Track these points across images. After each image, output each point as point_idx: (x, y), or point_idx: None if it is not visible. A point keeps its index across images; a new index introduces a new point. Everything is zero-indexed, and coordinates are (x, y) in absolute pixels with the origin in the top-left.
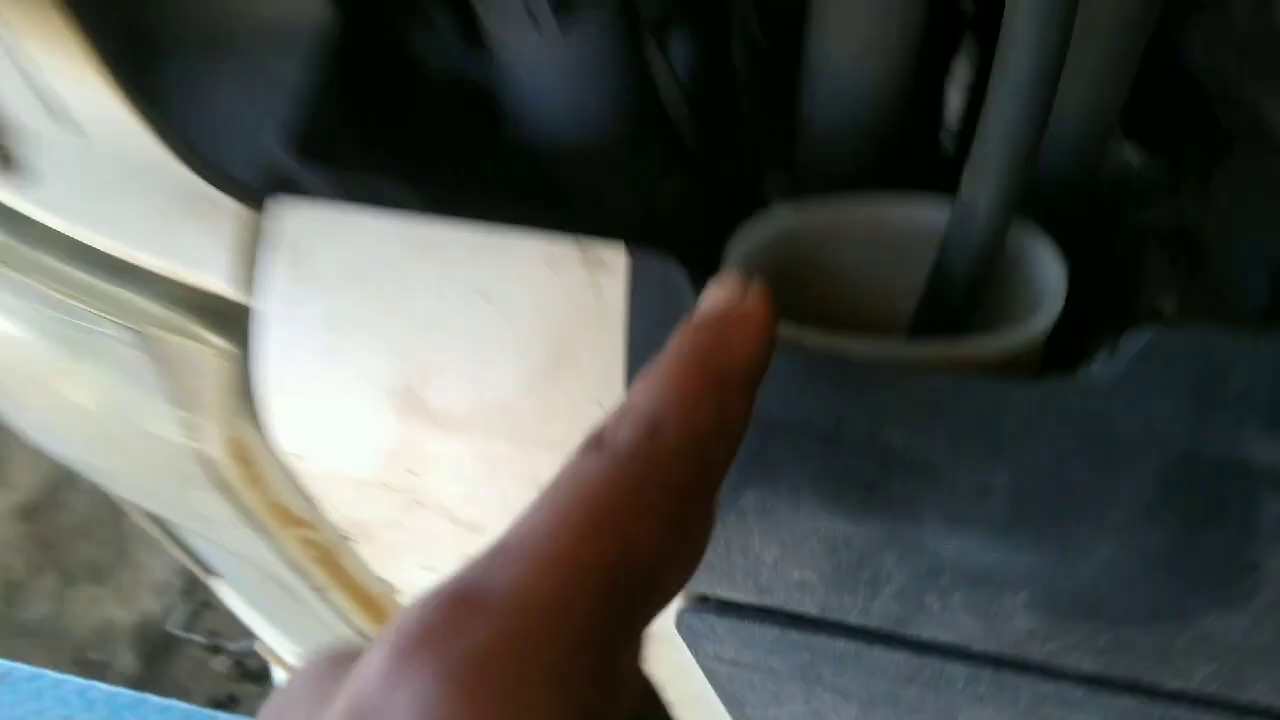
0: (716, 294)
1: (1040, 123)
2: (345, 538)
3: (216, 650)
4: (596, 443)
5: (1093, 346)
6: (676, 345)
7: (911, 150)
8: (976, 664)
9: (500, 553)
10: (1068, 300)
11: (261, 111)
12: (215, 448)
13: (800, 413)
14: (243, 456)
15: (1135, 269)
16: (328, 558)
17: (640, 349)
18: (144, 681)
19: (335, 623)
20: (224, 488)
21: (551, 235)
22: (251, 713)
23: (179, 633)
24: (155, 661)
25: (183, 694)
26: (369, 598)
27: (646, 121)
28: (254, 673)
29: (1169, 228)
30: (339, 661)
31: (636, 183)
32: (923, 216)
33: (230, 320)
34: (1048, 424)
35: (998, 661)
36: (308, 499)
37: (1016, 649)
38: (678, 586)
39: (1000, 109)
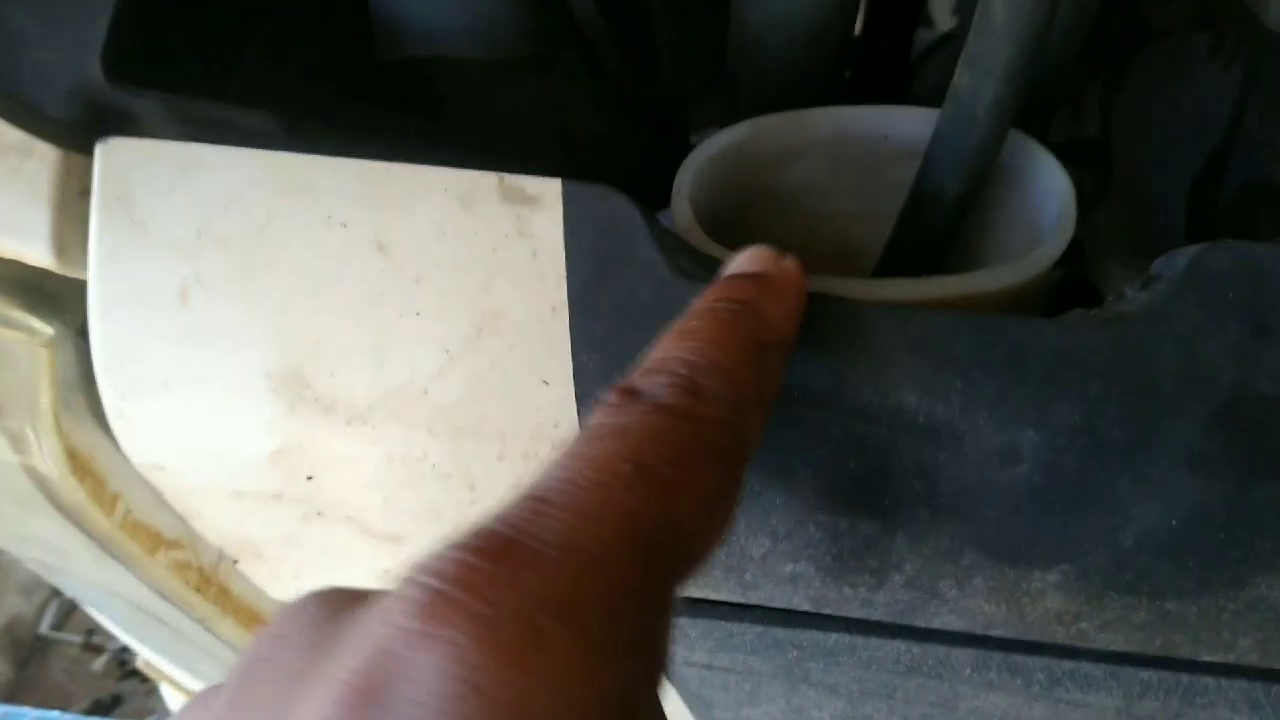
0: (750, 258)
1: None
2: (230, 559)
3: (95, 650)
4: (628, 394)
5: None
6: (709, 305)
7: (874, 53)
8: (988, 648)
9: (538, 501)
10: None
11: (77, 31)
12: (49, 462)
13: (790, 373)
14: (87, 471)
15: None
16: (210, 583)
17: (586, 304)
18: (17, 689)
19: (227, 654)
20: (67, 510)
21: (460, 167)
22: (140, 713)
23: (51, 634)
24: (28, 666)
25: (63, 699)
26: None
27: (552, 31)
28: (138, 670)
29: (1072, 137)
30: (340, 601)
31: (546, 104)
32: (900, 127)
33: (56, 300)
34: (1079, 368)
35: (1012, 644)
36: (178, 516)
37: (1040, 632)
38: (704, 560)
39: None
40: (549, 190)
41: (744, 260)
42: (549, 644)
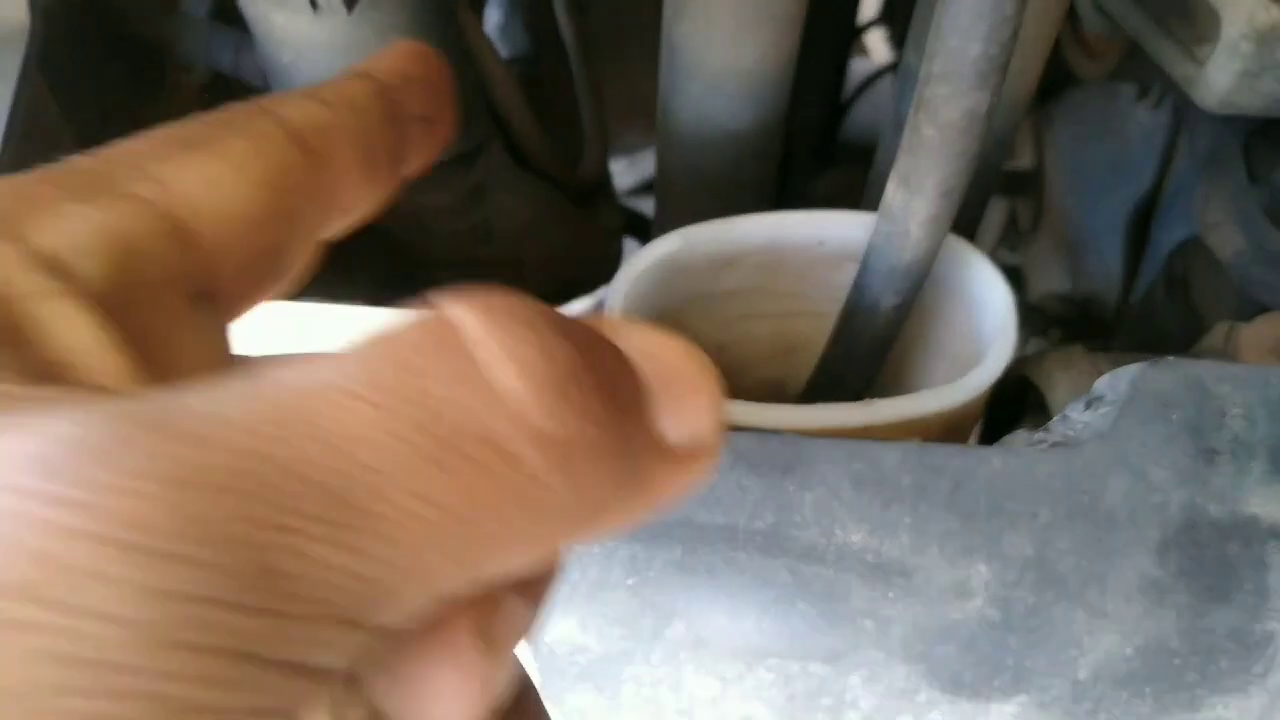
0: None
1: (991, 110)
2: None
3: None
4: None
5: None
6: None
7: (800, 139)
8: None
9: None
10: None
11: None
12: None
13: (731, 513)
14: None
15: (972, 223)
16: None
17: None
18: None
19: None
20: None
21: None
22: None
23: None
24: None
25: None
26: None
27: (475, 128)
28: None
29: (1007, 170)
30: None
31: (468, 200)
32: (834, 232)
33: None
34: (1028, 496)
35: None
36: None
37: None
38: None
39: (938, 96)
40: None
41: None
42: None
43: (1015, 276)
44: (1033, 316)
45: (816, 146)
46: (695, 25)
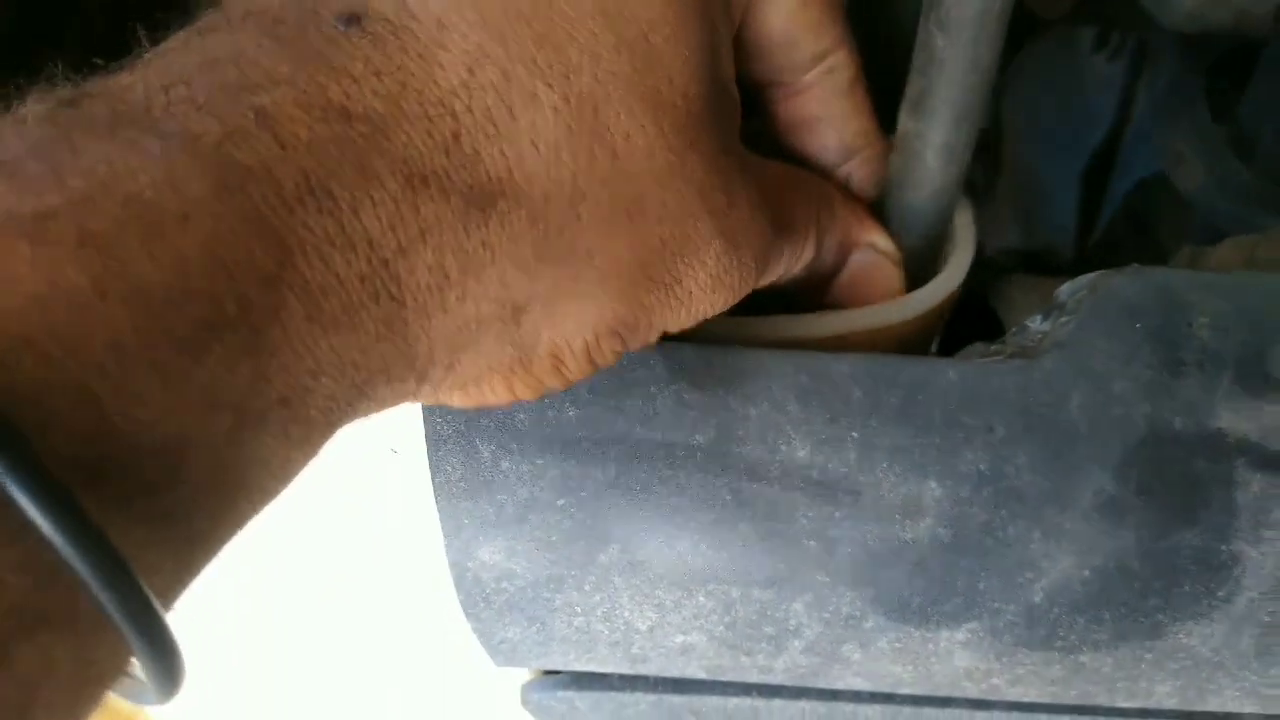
0: None
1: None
2: None
3: None
4: None
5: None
6: None
7: None
8: (897, 703)
9: None
10: None
11: None
12: None
13: (670, 429)
14: None
15: None
16: None
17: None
18: None
19: None
20: None
21: None
22: None
23: None
24: None
25: None
26: None
27: None
28: None
29: None
30: None
31: None
32: None
33: None
34: (983, 410)
35: (922, 700)
36: None
37: (950, 689)
38: None
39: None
40: None
41: None
42: None
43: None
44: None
45: None
46: None
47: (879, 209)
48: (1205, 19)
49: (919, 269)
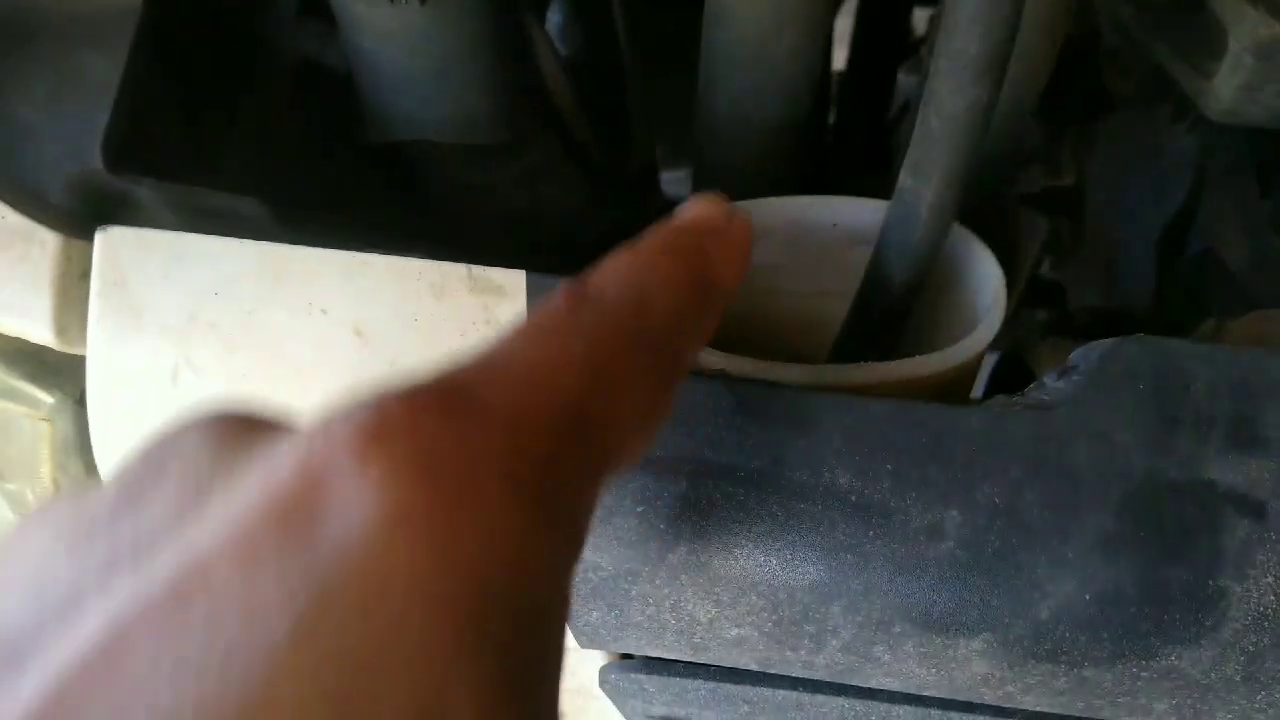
0: (700, 207)
1: (991, 105)
2: None
3: None
4: (579, 295)
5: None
6: (658, 238)
7: (847, 143)
8: (926, 706)
9: (488, 365)
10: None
11: (79, 123)
12: None
13: (732, 454)
14: None
15: (1014, 239)
16: None
17: None
18: None
19: None
20: None
21: (433, 258)
22: None
23: None
24: None
25: None
26: None
27: (528, 117)
28: None
29: (1049, 187)
30: (244, 425)
31: (518, 180)
32: (846, 216)
33: (57, 371)
34: (1000, 452)
35: (948, 704)
36: None
37: (970, 694)
38: (628, 467)
39: (943, 90)
40: (513, 281)
41: (697, 208)
42: (485, 499)
43: (1058, 292)
44: (1066, 328)
45: (867, 151)
46: (729, 24)
47: (877, 249)
48: (1242, 114)
49: (910, 301)
